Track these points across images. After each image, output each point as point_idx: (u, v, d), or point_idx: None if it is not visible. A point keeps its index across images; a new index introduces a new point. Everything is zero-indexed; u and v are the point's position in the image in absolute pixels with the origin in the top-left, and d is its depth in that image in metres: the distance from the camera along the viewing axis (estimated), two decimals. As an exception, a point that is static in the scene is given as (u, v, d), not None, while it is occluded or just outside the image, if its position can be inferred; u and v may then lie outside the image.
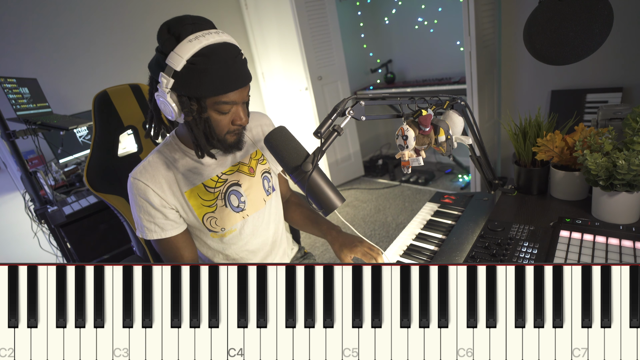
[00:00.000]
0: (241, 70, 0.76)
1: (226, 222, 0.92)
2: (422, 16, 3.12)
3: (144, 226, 0.87)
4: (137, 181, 0.84)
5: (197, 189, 0.89)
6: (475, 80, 2.33)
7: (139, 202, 0.85)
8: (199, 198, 0.89)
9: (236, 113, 0.80)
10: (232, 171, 0.93)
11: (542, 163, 1.04)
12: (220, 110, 0.78)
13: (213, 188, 0.90)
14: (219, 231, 0.93)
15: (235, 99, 0.77)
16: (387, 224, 2.61)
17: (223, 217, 0.92)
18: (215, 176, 0.91)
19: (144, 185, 0.84)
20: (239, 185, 0.94)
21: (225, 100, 0.76)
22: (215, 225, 0.91)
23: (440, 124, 0.79)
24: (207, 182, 0.90)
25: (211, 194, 0.90)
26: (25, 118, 1.69)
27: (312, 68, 2.98)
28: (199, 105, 0.76)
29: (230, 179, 0.93)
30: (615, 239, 0.78)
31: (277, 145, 0.65)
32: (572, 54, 0.91)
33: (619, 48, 2.03)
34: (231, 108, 0.79)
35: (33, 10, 2.23)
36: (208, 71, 0.71)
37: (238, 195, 0.93)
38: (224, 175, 0.92)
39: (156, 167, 0.86)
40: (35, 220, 1.86)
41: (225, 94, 0.75)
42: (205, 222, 0.90)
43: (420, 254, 0.92)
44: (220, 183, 0.91)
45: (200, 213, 0.89)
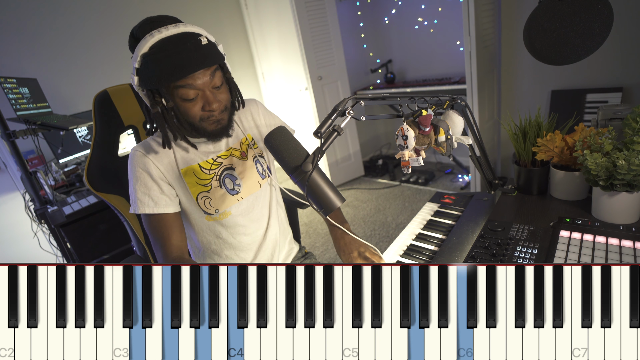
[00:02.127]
0: (196, 54, 0.76)
1: (220, 204, 0.93)
2: (422, 16, 3.12)
3: (137, 199, 0.87)
4: (138, 152, 0.87)
5: (192, 168, 0.91)
6: (475, 80, 2.33)
7: (137, 173, 0.87)
8: (194, 176, 0.91)
9: (205, 98, 0.81)
10: (226, 155, 0.96)
11: (542, 163, 1.04)
12: (184, 97, 0.79)
13: (208, 170, 0.92)
14: (213, 213, 0.93)
15: (194, 83, 0.77)
16: (387, 224, 2.61)
17: (217, 198, 0.93)
18: (210, 159, 0.93)
19: (144, 156, 0.86)
20: (233, 169, 0.96)
21: (182, 84, 0.77)
22: (210, 206, 0.92)
23: (440, 124, 0.79)
24: (202, 163, 0.92)
25: (206, 174, 0.92)
26: (25, 118, 1.69)
27: (312, 68, 2.98)
28: (161, 96, 0.79)
29: (225, 162, 0.95)
30: (615, 239, 0.78)
31: (277, 145, 0.65)
32: (572, 54, 0.91)
33: (619, 48, 2.03)
34: (197, 94, 0.79)
35: (33, 11, 2.23)
36: (159, 60, 0.74)
37: (232, 178, 0.95)
38: (219, 158, 0.94)
39: (157, 144, 0.89)
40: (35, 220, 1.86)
41: (181, 79, 0.76)
42: (200, 201, 0.91)
43: (420, 254, 0.92)
44: (215, 165, 0.94)
45: (194, 192, 0.91)
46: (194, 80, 0.77)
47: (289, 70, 3.24)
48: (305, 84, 3.08)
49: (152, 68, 0.75)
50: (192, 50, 0.75)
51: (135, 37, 0.79)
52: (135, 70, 0.78)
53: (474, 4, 2.12)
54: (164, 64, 0.74)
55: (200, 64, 0.76)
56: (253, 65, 3.49)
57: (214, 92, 0.82)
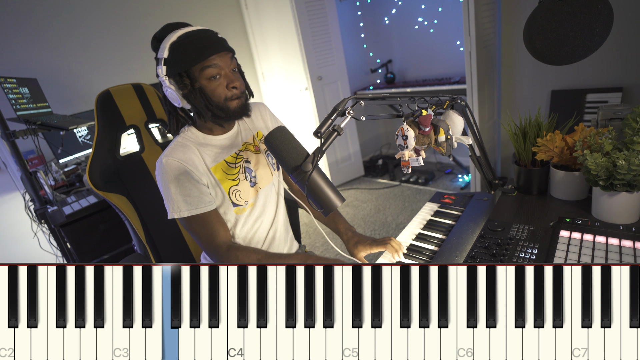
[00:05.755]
0: (218, 40, 0.87)
1: (247, 195, 0.99)
2: (422, 16, 3.11)
3: (179, 205, 0.89)
4: (170, 159, 0.88)
5: (220, 165, 0.95)
6: (475, 80, 2.33)
7: (176, 180, 0.88)
8: (223, 172, 0.96)
9: (228, 77, 0.88)
10: (243, 149, 1.02)
11: (542, 163, 1.04)
12: (209, 76, 0.86)
13: (234, 164, 0.98)
14: (242, 204, 0.98)
15: (219, 62, 0.86)
16: (387, 224, 2.61)
17: (244, 190, 0.98)
18: (234, 153, 0.99)
19: (178, 162, 0.88)
20: (249, 162, 1.01)
21: (209, 64, 0.85)
22: (240, 198, 0.97)
23: (440, 124, 0.79)
24: (228, 158, 0.97)
25: (233, 169, 0.97)
26: (25, 118, 1.69)
27: (312, 68, 2.98)
28: (189, 78, 0.86)
29: (244, 156, 1.01)
30: (615, 239, 0.78)
31: (277, 145, 0.65)
32: (572, 54, 0.91)
33: (619, 48, 2.03)
34: (220, 73, 0.87)
35: (33, 10, 2.23)
36: (187, 44, 0.84)
37: (249, 171, 1.01)
38: (240, 152, 1.00)
39: (184, 147, 0.92)
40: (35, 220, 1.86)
41: (207, 59, 0.84)
42: (231, 195, 0.96)
43: (420, 254, 0.92)
44: (239, 159, 0.99)
45: (226, 186, 0.95)
46: (218, 60, 0.86)
47: (289, 70, 3.24)
48: (305, 84, 3.08)
49: (182, 52, 0.84)
50: (214, 38, 0.87)
51: (158, 39, 0.88)
52: (162, 60, 0.85)
53: (474, 4, 2.12)
54: (193, 46, 0.84)
55: (222, 47, 0.87)
56: (253, 65, 3.49)
57: (234, 73, 0.90)
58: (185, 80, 0.86)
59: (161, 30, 0.88)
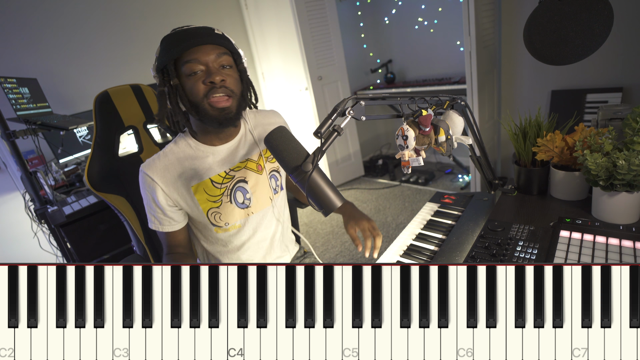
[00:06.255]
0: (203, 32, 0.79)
1: (230, 218, 0.93)
2: (422, 16, 3.11)
3: (149, 217, 0.92)
4: (144, 175, 0.87)
5: (203, 184, 0.90)
6: (475, 80, 2.33)
7: (145, 194, 0.90)
8: (205, 193, 0.90)
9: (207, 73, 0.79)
10: (240, 167, 0.93)
11: (542, 163, 1.04)
12: (188, 72, 0.78)
13: (220, 184, 0.91)
14: (222, 225, 0.94)
15: (198, 56, 0.78)
16: (387, 224, 2.61)
17: (227, 213, 0.93)
18: (223, 172, 0.92)
19: (150, 179, 0.87)
20: (246, 182, 0.94)
21: (187, 59, 0.78)
22: (220, 220, 0.93)
23: (440, 124, 0.79)
24: (214, 177, 0.91)
25: (217, 190, 0.91)
26: (25, 118, 1.69)
27: (312, 68, 2.98)
28: (168, 74, 0.79)
29: (237, 175, 0.93)
30: (615, 239, 0.78)
31: (277, 145, 0.65)
32: (572, 54, 0.91)
33: (619, 48, 2.03)
34: (201, 70, 0.79)
35: (33, 11, 2.23)
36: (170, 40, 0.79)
37: (244, 192, 0.94)
38: (231, 171, 0.92)
39: (165, 162, 0.88)
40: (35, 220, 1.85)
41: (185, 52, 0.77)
42: (210, 216, 0.92)
43: (420, 254, 0.92)
44: (227, 179, 0.92)
45: (205, 208, 0.91)
46: (197, 54, 0.78)
47: (289, 70, 3.24)
48: (305, 84, 3.08)
49: (164, 47, 0.79)
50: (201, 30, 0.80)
51: None
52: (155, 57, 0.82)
53: (474, 4, 2.12)
54: (174, 39, 0.78)
55: (206, 38, 0.79)
56: (253, 65, 3.49)
57: (220, 69, 0.81)
58: (165, 77, 0.80)
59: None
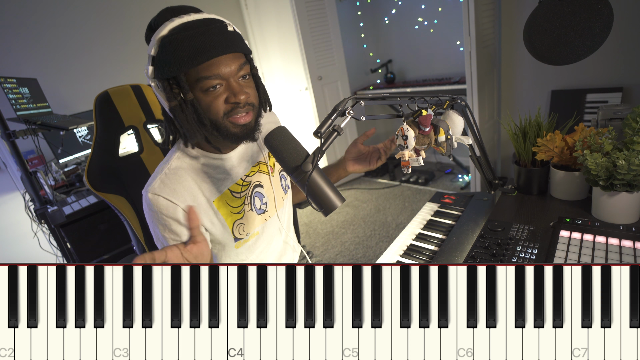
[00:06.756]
0: (221, 38, 0.67)
1: (251, 226, 0.87)
2: (422, 16, 3.11)
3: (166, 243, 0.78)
4: (158, 197, 0.74)
5: (224, 196, 0.81)
6: (475, 80, 2.33)
7: (163, 221, 0.75)
8: (228, 206, 0.82)
9: (230, 89, 0.69)
10: (254, 172, 0.87)
11: (542, 163, 1.04)
12: (205, 88, 0.68)
13: (239, 193, 0.84)
14: (244, 237, 0.86)
15: (219, 71, 0.67)
16: (387, 224, 2.61)
17: (249, 222, 0.86)
18: (240, 180, 0.84)
19: (166, 201, 0.74)
20: (261, 187, 0.88)
21: (206, 75, 0.66)
22: (243, 232, 0.85)
23: (440, 124, 0.79)
24: (232, 187, 0.83)
25: (238, 200, 0.83)
26: (25, 118, 1.69)
27: (312, 68, 2.98)
28: (180, 87, 0.67)
29: (253, 180, 0.87)
30: (615, 239, 0.78)
31: (277, 145, 0.65)
32: (572, 54, 0.91)
33: (619, 48, 2.03)
34: (220, 84, 0.69)
35: (33, 11, 2.23)
36: (179, 42, 0.64)
37: (260, 196, 0.88)
38: (247, 177, 0.86)
39: (176, 180, 0.76)
40: (35, 220, 1.85)
41: (202, 65, 0.66)
42: (235, 230, 0.83)
43: (420, 254, 0.92)
44: (245, 186, 0.85)
45: (230, 222, 0.82)
46: (218, 68, 0.67)
47: (289, 70, 3.24)
48: (305, 84, 3.08)
49: (170, 52, 0.65)
50: (217, 34, 0.66)
51: (152, 28, 0.69)
52: (150, 59, 0.67)
53: (474, 4, 2.12)
54: (184, 46, 0.64)
55: (226, 48, 0.67)
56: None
57: (241, 82, 0.71)
58: (175, 89, 0.68)
59: (158, 16, 0.70)
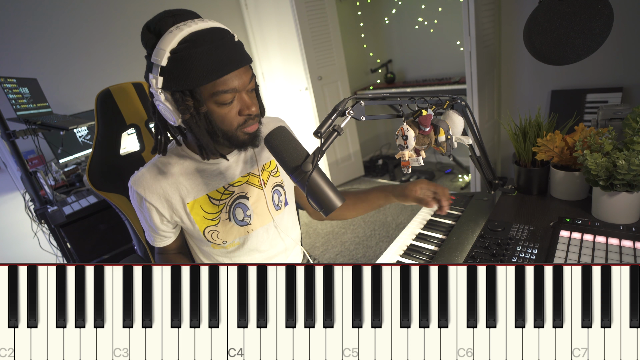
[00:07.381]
0: (234, 51, 0.68)
1: (228, 236, 0.87)
2: (422, 16, 3.11)
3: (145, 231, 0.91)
4: (133, 190, 0.83)
5: (200, 201, 0.83)
6: (475, 80, 2.33)
7: (137, 211, 0.87)
8: (202, 210, 0.83)
9: (242, 101, 0.72)
10: (241, 182, 0.86)
11: (542, 163, 1.04)
12: (221, 101, 0.69)
13: (218, 200, 0.84)
14: (220, 243, 0.88)
15: (234, 85, 0.69)
16: (387, 224, 2.61)
17: (226, 231, 0.87)
18: (221, 187, 0.84)
19: (138, 195, 0.82)
20: (247, 198, 0.87)
21: (223, 89, 0.68)
22: (217, 238, 0.87)
23: (440, 124, 0.79)
24: (212, 193, 0.84)
25: (215, 207, 0.84)
26: (25, 118, 1.69)
27: (312, 68, 2.98)
28: (194, 99, 0.68)
29: (237, 190, 0.86)
30: (615, 239, 0.78)
31: (277, 145, 0.65)
32: (572, 54, 0.91)
33: (619, 48, 2.03)
34: (233, 97, 0.70)
35: (33, 11, 2.23)
36: (194, 57, 0.64)
37: (244, 208, 0.87)
38: (230, 187, 0.85)
39: (155, 176, 0.81)
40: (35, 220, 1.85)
41: (219, 79, 0.67)
42: (207, 234, 0.86)
43: (420, 254, 0.92)
44: (226, 195, 0.85)
45: (202, 226, 0.85)
46: (233, 82, 0.68)
47: (289, 70, 3.24)
48: (305, 84, 3.08)
49: (185, 65, 0.65)
50: (230, 47, 0.68)
51: (153, 31, 0.68)
52: (159, 69, 0.66)
53: (474, 4, 2.12)
54: (203, 61, 0.65)
55: (240, 62, 0.69)
56: (253, 65, 3.49)
57: (250, 94, 0.74)
58: (189, 101, 0.68)
59: (158, 20, 0.68)
